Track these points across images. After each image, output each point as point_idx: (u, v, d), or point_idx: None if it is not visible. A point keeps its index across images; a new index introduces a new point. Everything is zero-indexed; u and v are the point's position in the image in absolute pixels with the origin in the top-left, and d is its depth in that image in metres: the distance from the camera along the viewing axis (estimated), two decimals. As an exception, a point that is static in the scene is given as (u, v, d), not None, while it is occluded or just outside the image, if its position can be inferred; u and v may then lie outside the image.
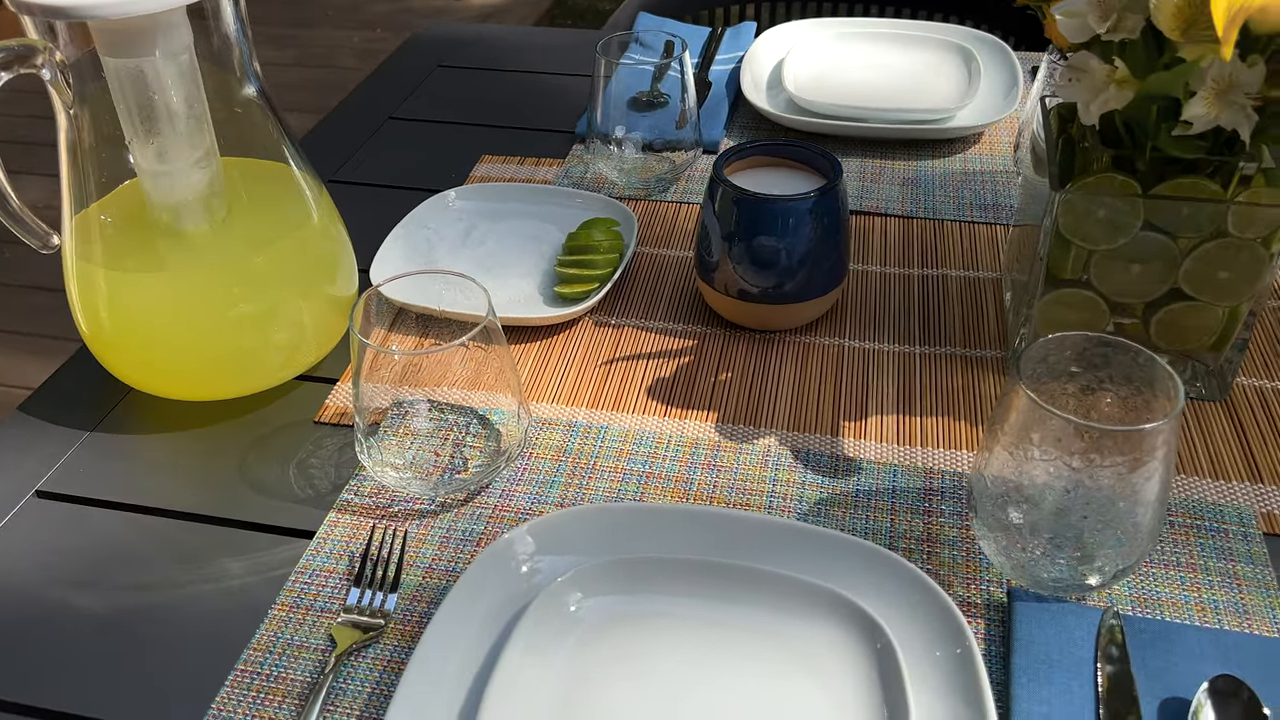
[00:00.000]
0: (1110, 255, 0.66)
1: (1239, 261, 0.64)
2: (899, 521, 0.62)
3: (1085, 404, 0.56)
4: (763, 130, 1.04)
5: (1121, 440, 0.50)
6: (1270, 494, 0.63)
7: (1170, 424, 0.50)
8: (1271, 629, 0.55)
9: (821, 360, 0.74)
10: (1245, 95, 0.57)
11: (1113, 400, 0.55)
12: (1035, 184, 0.71)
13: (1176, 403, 0.50)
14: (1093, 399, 0.56)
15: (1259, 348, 0.74)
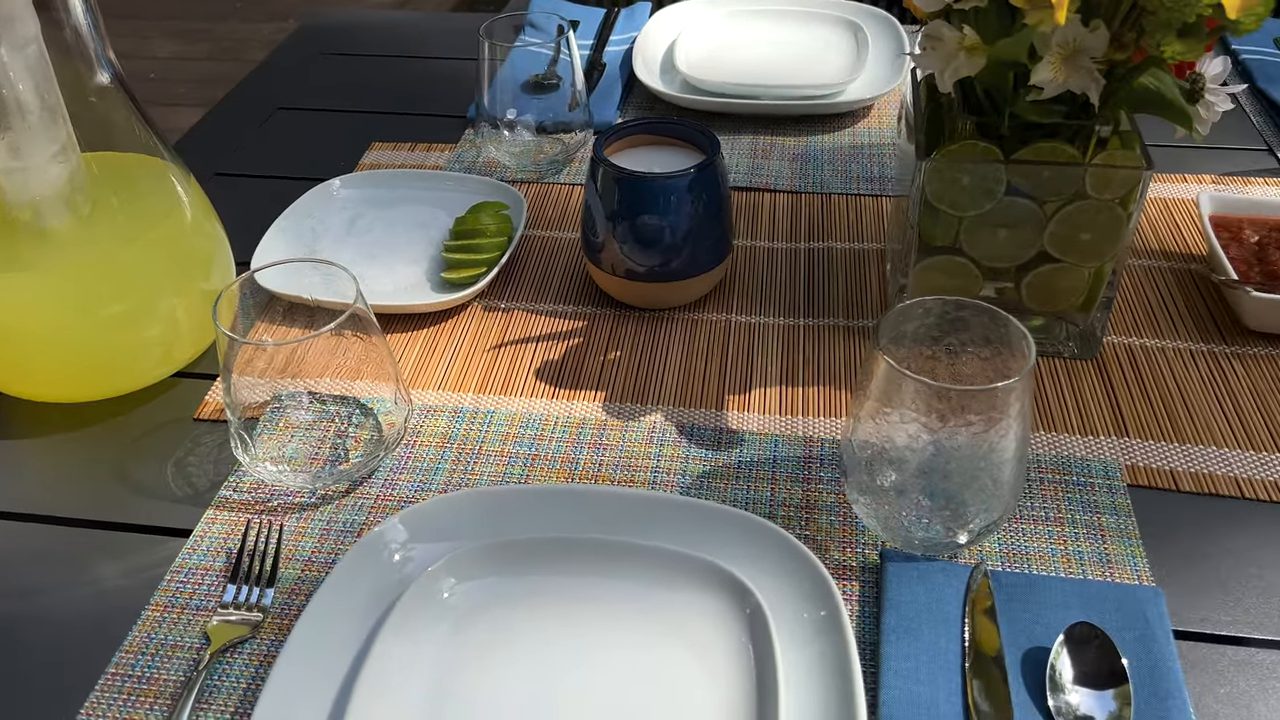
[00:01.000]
0: (978, 221, 0.67)
1: (1099, 222, 0.65)
2: (779, 490, 0.63)
3: (947, 366, 0.57)
4: (657, 110, 1.04)
5: (975, 400, 0.51)
6: (1135, 447, 0.65)
7: (1022, 382, 0.51)
8: (1132, 576, 0.57)
9: (709, 336, 0.75)
10: (1092, 60, 0.58)
11: (973, 361, 0.56)
12: (907, 153, 0.72)
13: (1028, 361, 0.51)
14: (954, 361, 0.57)
15: (1128, 306, 0.76)
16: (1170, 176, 0.90)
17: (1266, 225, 0.76)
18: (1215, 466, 0.63)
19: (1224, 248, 0.75)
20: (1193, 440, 0.65)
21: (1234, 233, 0.76)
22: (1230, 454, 0.64)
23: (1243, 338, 0.72)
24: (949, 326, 0.56)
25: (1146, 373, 0.70)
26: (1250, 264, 0.74)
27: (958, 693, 0.50)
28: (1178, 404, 0.68)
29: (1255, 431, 0.65)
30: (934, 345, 0.57)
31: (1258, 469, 0.63)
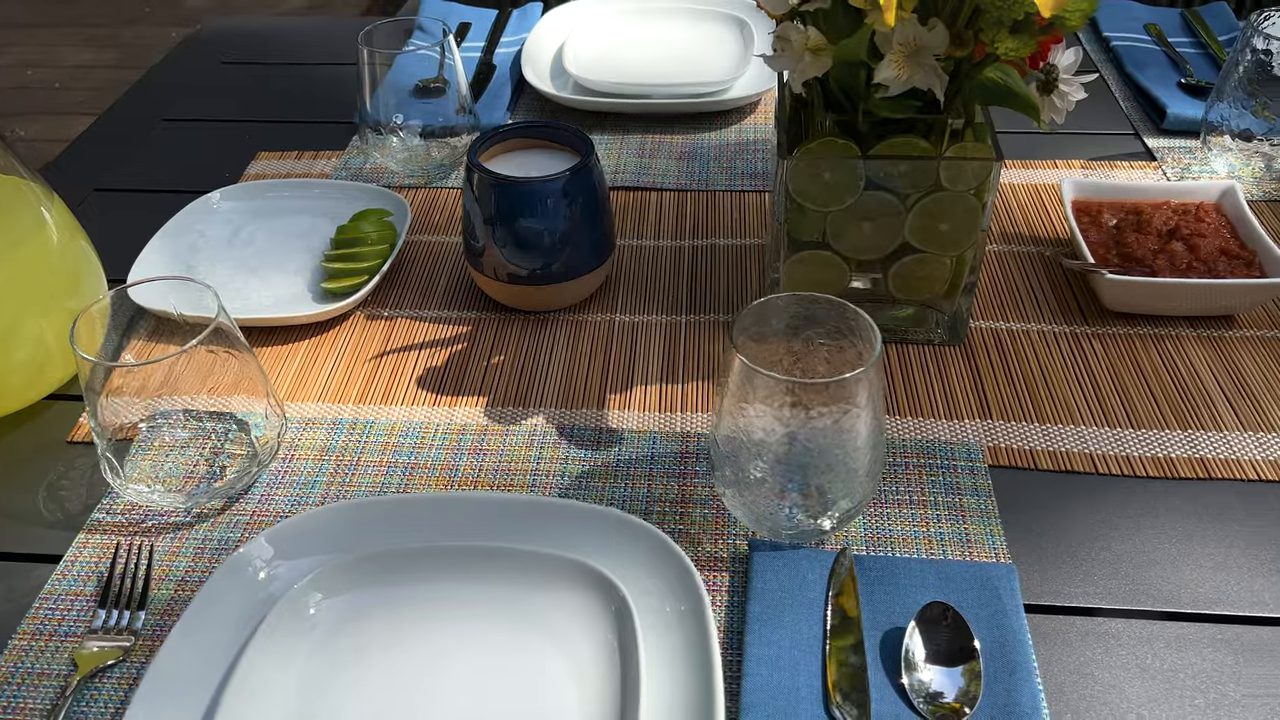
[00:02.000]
0: (842, 216, 0.69)
1: (956, 213, 0.68)
2: (656, 486, 0.64)
3: (805, 359, 0.59)
4: (547, 112, 1.04)
5: (825, 392, 0.53)
6: (997, 428, 0.67)
7: (869, 373, 0.52)
8: (990, 554, 0.59)
9: (593, 336, 0.76)
10: (935, 57, 0.60)
11: (829, 353, 0.58)
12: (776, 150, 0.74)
13: (874, 351, 0.53)
14: (812, 354, 0.59)
15: (996, 291, 0.78)
16: (1041, 162, 0.93)
17: (1124, 208, 0.79)
18: (1072, 444, 0.66)
19: (1084, 232, 0.78)
20: (1052, 420, 0.67)
21: (1094, 216, 0.79)
22: (1086, 431, 0.67)
23: (1102, 318, 0.75)
24: (804, 321, 0.58)
25: (1011, 356, 0.73)
26: (1109, 247, 0.77)
27: (818, 676, 0.52)
28: (1039, 385, 0.70)
29: (1111, 409, 0.68)
30: (793, 339, 0.59)
31: (1111, 445, 0.66)
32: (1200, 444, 0.65)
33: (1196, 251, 0.74)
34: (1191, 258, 0.74)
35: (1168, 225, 0.76)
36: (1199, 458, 0.64)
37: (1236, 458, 0.64)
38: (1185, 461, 0.64)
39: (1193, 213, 0.78)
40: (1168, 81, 1.03)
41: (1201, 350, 0.72)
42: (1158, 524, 0.61)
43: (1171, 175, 0.91)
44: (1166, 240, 0.75)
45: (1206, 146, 0.90)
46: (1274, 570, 0.58)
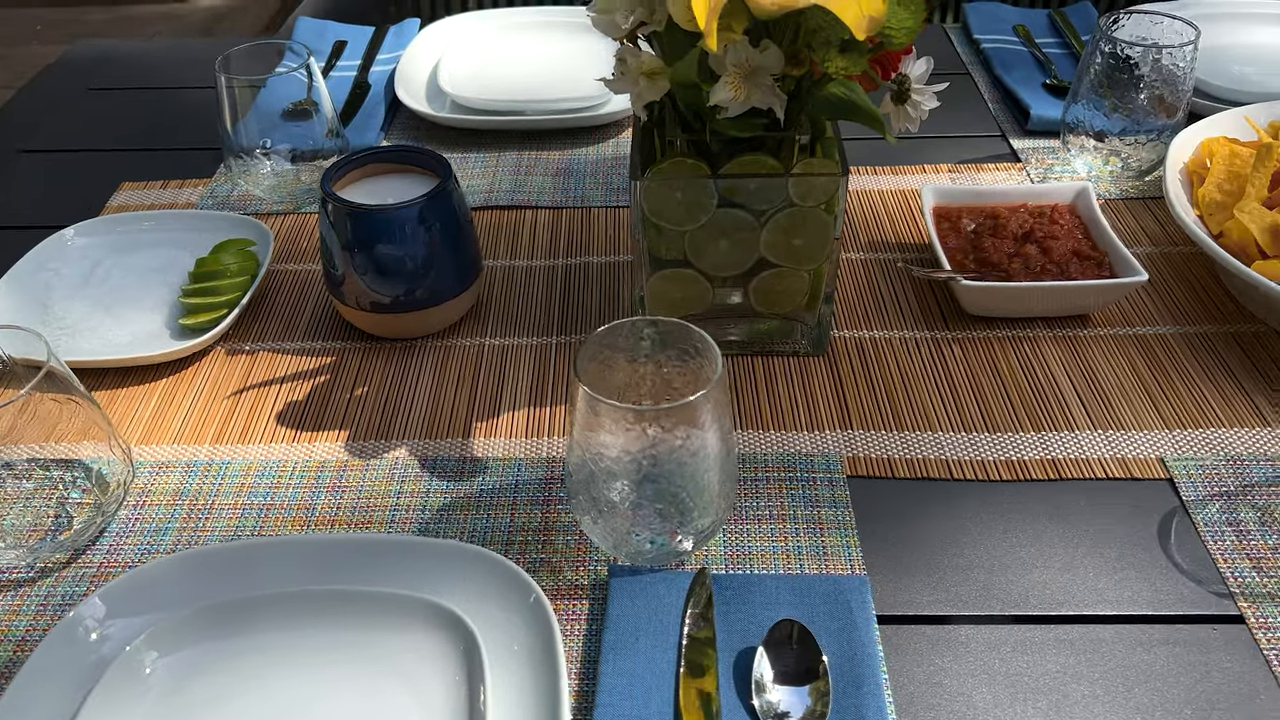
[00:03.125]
0: (699, 234, 0.69)
1: (808, 228, 0.68)
2: (519, 515, 0.63)
3: (653, 381, 0.59)
4: (422, 130, 1.03)
5: (668, 415, 0.53)
6: (857, 438, 0.68)
7: (712, 393, 0.53)
8: (845, 567, 0.60)
9: (461, 362, 0.75)
10: (772, 76, 0.61)
11: (678, 374, 0.58)
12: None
13: (716, 370, 0.53)
14: (660, 375, 0.58)
15: (861, 300, 0.79)
16: (909, 168, 0.95)
17: (982, 213, 0.81)
18: (929, 451, 0.67)
19: (944, 238, 0.80)
20: (910, 427, 0.69)
21: (953, 222, 0.81)
22: (944, 437, 0.68)
23: (963, 322, 0.77)
24: (650, 344, 0.58)
25: (874, 364, 0.74)
26: (967, 252, 0.78)
27: (670, 703, 0.52)
28: (899, 392, 0.71)
29: (968, 413, 0.69)
30: (641, 362, 0.59)
31: (967, 450, 0.67)
32: (1052, 445, 0.67)
33: (1050, 254, 0.76)
34: (1045, 260, 0.76)
35: (1023, 229, 0.78)
36: (1051, 459, 0.66)
37: (1086, 457, 0.66)
38: (1038, 463, 0.66)
39: (1048, 215, 0.80)
40: (1034, 83, 1.05)
41: (1057, 350, 0.74)
42: (1010, 527, 0.62)
43: (1035, 176, 0.93)
44: (1021, 244, 0.77)
45: (1066, 147, 0.93)
46: (1117, 568, 0.59)
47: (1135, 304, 0.78)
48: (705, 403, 0.53)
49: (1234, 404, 0.69)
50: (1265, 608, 0.56)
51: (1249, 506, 0.62)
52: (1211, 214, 0.78)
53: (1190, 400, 0.70)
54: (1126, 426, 0.68)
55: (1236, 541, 0.60)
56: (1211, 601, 0.57)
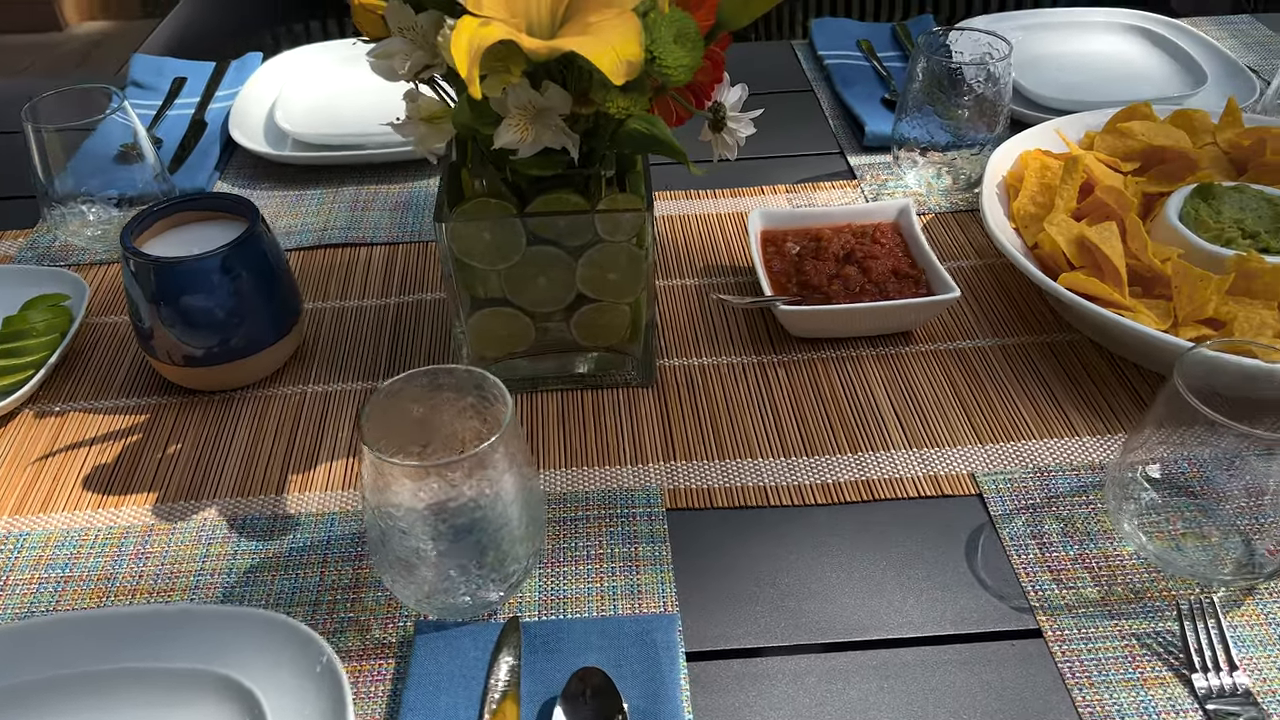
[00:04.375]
0: (515, 271, 0.68)
1: (620, 262, 0.68)
2: (330, 573, 0.62)
3: (453, 429, 0.58)
4: (260, 169, 1.00)
5: (458, 467, 0.52)
6: (679, 469, 0.68)
7: (502, 439, 0.52)
8: (658, 604, 0.60)
9: (280, 412, 0.73)
10: (561, 116, 0.60)
11: (473, 420, 0.57)
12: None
13: (505, 414, 0.53)
14: (454, 423, 0.58)
15: (694, 327, 0.79)
16: (748, 190, 0.96)
17: (806, 235, 0.82)
18: (748, 478, 0.67)
19: (769, 262, 0.80)
20: (732, 455, 0.69)
21: (779, 246, 0.82)
22: (763, 463, 0.68)
23: (789, 345, 0.77)
24: (450, 392, 0.57)
25: (701, 392, 0.74)
26: (790, 276, 0.79)
27: (467, 762, 0.51)
28: (724, 420, 0.71)
29: (788, 437, 0.70)
30: (438, 411, 0.58)
31: (784, 475, 0.67)
32: (868, 465, 0.68)
33: (869, 274, 0.77)
34: (865, 280, 0.77)
35: (845, 250, 0.79)
36: (865, 480, 0.67)
37: (900, 476, 0.67)
38: (852, 485, 0.66)
39: (870, 235, 0.81)
40: (874, 98, 1.07)
41: (879, 369, 0.75)
42: (822, 553, 0.62)
43: (869, 193, 0.94)
44: (842, 265, 0.78)
45: (898, 162, 0.94)
46: (925, 589, 0.60)
47: (957, 318, 0.79)
48: (495, 451, 0.52)
49: (1045, 415, 0.71)
50: (1062, 620, 0.58)
51: (1053, 518, 0.64)
52: (1026, 226, 0.80)
53: (1004, 413, 0.71)
54: (940, 443, 0.69)
55: (1039, 554, 0.61)
56: (1012, 617, 0.58)
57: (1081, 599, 0.59)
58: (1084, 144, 0.89)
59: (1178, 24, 1.14)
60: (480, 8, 0.52)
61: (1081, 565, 0.61)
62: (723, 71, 0.73)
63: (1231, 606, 0.58)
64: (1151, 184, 0.83)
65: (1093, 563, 0.61)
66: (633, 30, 0.50)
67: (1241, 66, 1.06)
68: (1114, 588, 0.59)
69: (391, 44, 0.59)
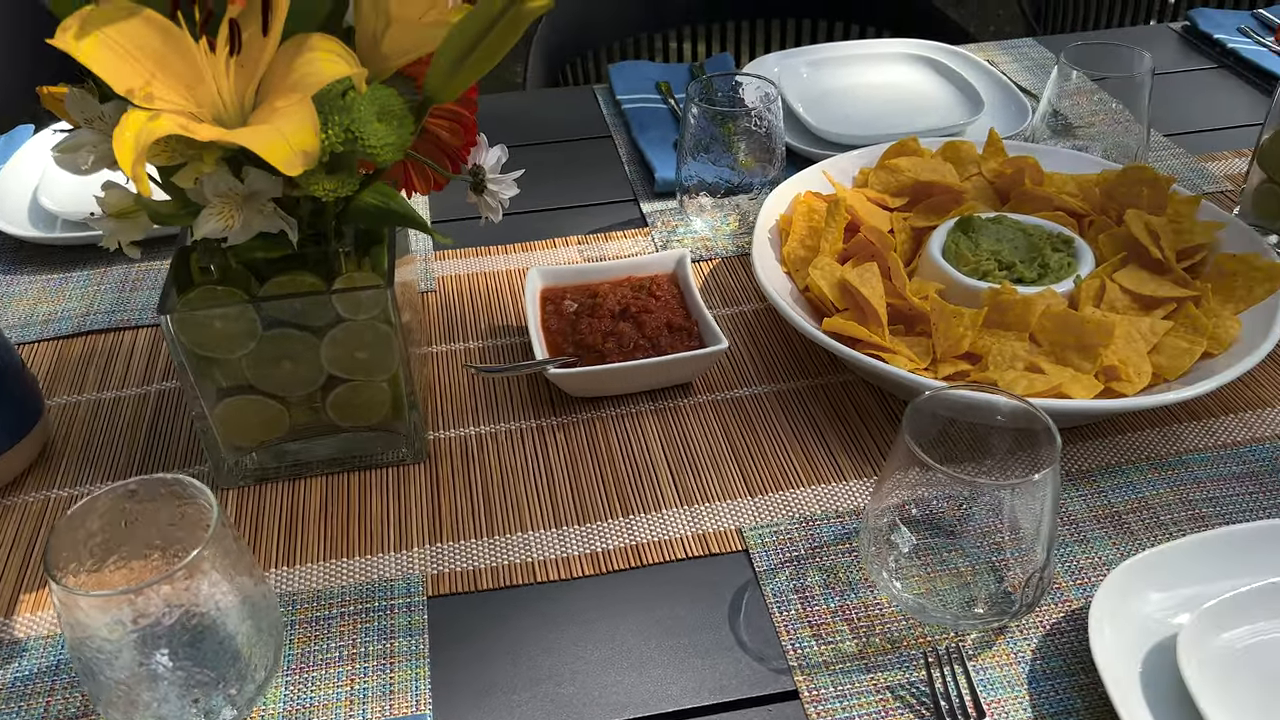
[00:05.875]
0: (255, 358, 0.65)
1: (367, 339, 0.65)
2: (56, 701, 0.57)
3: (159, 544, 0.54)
4: (24, 251, 0.94)
5: (156, 590, 0.48)
6: (445, 551, 0.65)
7: (207, 550, 0.49)
8: (411, 704, 0.57)
9: (19, 523, 0.68)
10: (274, 200, 0.58)
11: (182, 530, 0.54)
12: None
13: (211, 525, 0.49)
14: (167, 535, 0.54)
15: (467, 393, 0.77)
16: (540, 243, 0.94)
17: (584, 291, 0.81)
18: (516, 555, 0.65)
19: (547, 321, 0.79)
20: (502, 530, 0.67)
21: (557, 304, 0.80)
22: (533, 536, 0.66)
23: (569, 406, 0.76)
24: (148, 504, 0.53)
25: (475, 464, 0.72)
26: (566, 335, 0.77)
27: None
28: (496, 492, 0.69)
29: (561, 505, 0.68)
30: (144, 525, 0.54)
31: (554, 547, 0.65)
32: (638, 529, 0.66)
33: (644, 329, 0.76)
34: (639, 336, 0.76)
35: (621, 305, 0.78)
36: (634, 545, 0.65)
37: (669, 538, 0.66)
38: (621, 552, 0.65)
39: (648, 288, 0.80)
40: (668, 141, 1.07)
41: (657, 424, 0.74)
42: (586, 629, 0.61)
43: (660, 240, 0.94)
44: (617, 321, 0.77)
45: (683, 208, 0.94)
46: (687, 657, 0.59)
47: (737, 365, 0.79)
48: (199, 565, 0.49)
49: (815, 461, 0.71)
50: (819, 679, 0.57)
51: (817, 569, 0.63)
52: (797, 270, 0.81)
53: (775, 462, 0.71)
54: (711, 498, 0.68)
55: (801, 609, 0.61)
56: (770, 680, 0.58)
57: (839, 654, 0.58)
58: (859, 181, 0.90)
59: (959, 51, 1.18)
60: (153, 100, 0.49)
61: (841, 617, 0.60)
62: (475, 134, 0.72)
63: (983, 649, 0.59)
64: (920, 219, 0.84)
65: (853, 614, 0.61)
66: (307, 118, 0.48)
67: (1016, 91, 1.10)
68: (872, 638, 0.59)
69: (80, 135, 0.55)
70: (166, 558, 0.54)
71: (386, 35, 0.57)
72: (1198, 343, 0.71)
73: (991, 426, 0.59)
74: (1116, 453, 0.70)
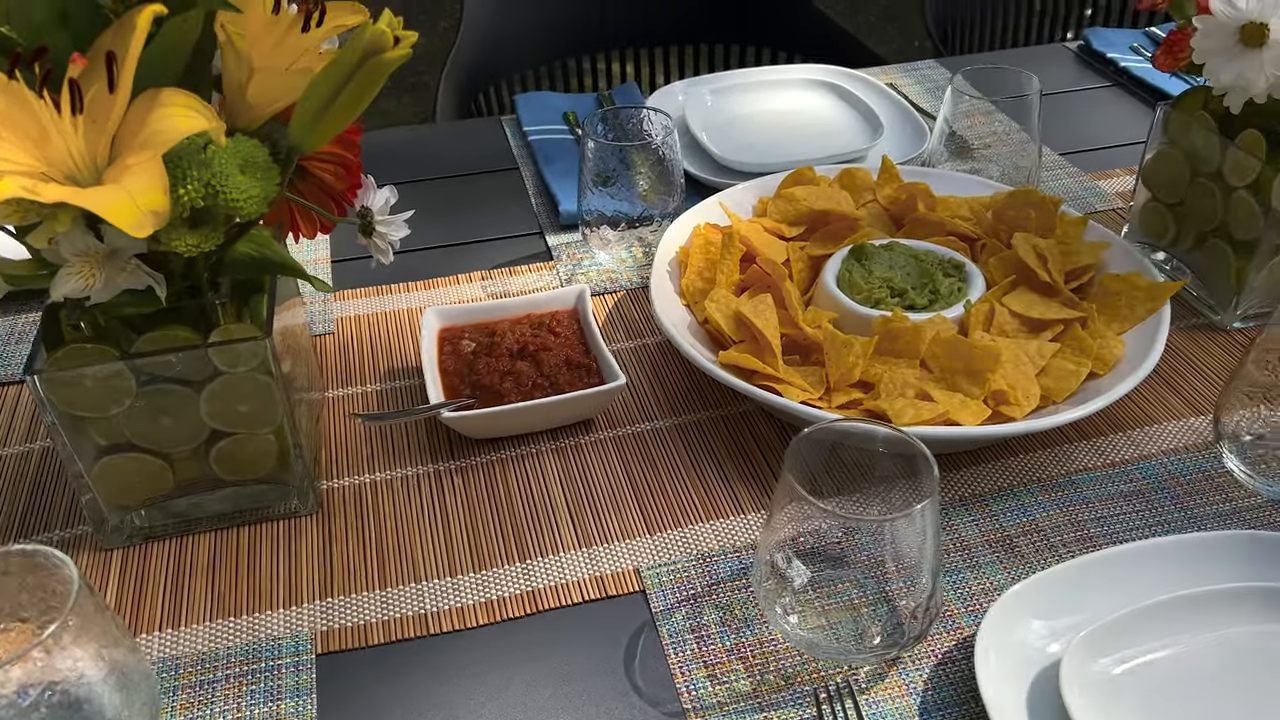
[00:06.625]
0: (132, 416, 0.63)
1: (248, 391, 0.64)
2: (-80, 787, 0.55)
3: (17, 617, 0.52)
4: (-98, 306, 0.91)
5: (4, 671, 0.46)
6: (336, 606, 0.64)
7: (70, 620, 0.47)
8: (295, 767, 0.55)
9: (-111, 596, 0.65)
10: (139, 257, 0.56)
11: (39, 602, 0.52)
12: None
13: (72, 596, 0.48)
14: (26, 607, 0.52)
15: (365, 439, 0.76)
16: (444, 280, 0.93)
17: (482, 330, 0.80)
18: (409, 607, 0.64)
19: (444, 361, 0.78)
20: (395, 582, 0.65)
21: (455, 344, 0.79)
22: (427, 587, 0.65)
23: (469, 448, 0.75)
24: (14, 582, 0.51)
25: (370, 513, 0.70)
26: (463, 376, 0.77)
27: None
28: (390, 543, 0.68)
29: (456, 553, 0.67)
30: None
31: (449, 597, 0.64)
32: (535, 574, 0.66)
33: (542, 367, 0.76)
34: (537, 375, 0.75)
35: (519, 344, 0.77)
36: (531, 590, 0.65)
37: (567, 581, 0.65)
38: (518, 599, 0.64)
39: (547, 325, 0.80)
40: (574, 173, 1.07)
41: (558, 464, 0.73)
42: (480, 680, 0.60)
43: (565, 273, 0.93)
44: (515, 360, 0.76)
45: (586, 241, 0.94)
46: (582, 704, 0.58)
47: (639, 399, 0.79)
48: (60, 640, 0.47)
49: (714, 494, 0.71)
50: (712, 720, 0.57)
51: (713, 607, 0.63)
52: (696, 302, 0.81)
53: (675, 498, 0.71)
54: (609, 539, 0.68)
55: (696, 649, 0.61)
56: (664, 724, 0.57)
57: (733, 694, 0.58)
58: (759, 210, 0.91)
59: (862, 76, 1.20)
60: (-3, 160, 0.48)
61: (737, 655, 0.60)
62: (359, 175, 0.71)
63: (876, 681, 0.59)
64: (817, 247, 0.85)
65: (748, 651, 0.60)
66: (156, 178, 0.47)
67: (915, 114, 1.12)
68: (766, 675, 0.59)
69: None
70: (28, 633, 0.52)
71: (251, 84, 0.56)
72: (1083, 364, 0.72)
73: (875, 454, 0.60)
74: (1009, 475, 0.71)
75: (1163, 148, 0.87)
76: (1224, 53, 0.71)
